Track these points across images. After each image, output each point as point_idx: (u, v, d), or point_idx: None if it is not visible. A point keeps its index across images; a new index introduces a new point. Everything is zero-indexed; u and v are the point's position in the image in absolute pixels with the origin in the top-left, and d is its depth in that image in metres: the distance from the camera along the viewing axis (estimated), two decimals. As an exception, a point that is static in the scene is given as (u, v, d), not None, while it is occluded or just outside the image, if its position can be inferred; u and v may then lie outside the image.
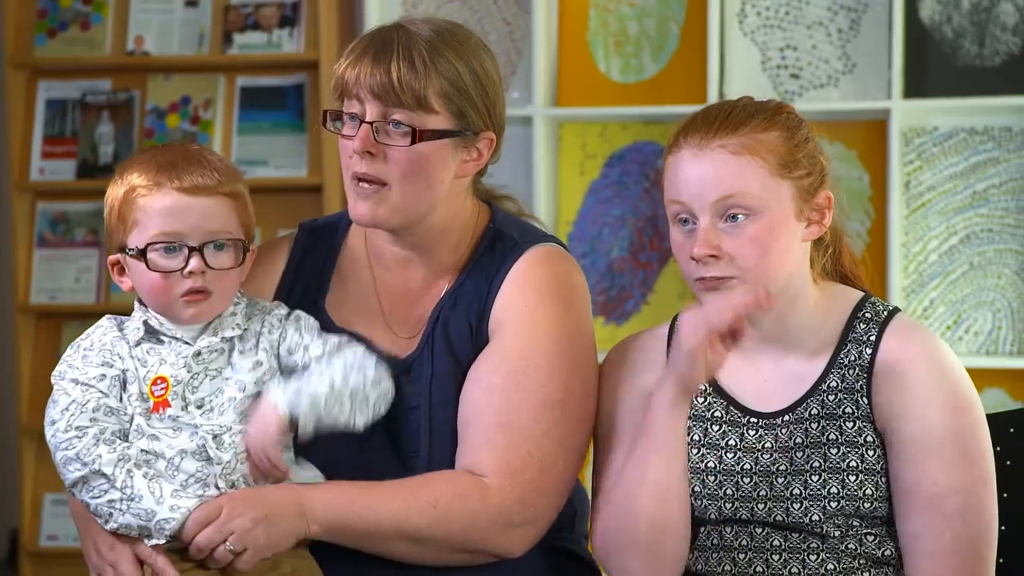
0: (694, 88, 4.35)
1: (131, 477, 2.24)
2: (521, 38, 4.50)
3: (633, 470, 2.28)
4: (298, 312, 2.39)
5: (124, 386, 2.29)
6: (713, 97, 4.27)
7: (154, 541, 2.24)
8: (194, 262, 2.28)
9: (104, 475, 2.23)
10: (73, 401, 2.27)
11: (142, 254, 2.29)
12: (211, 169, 2.31)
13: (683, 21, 4.40)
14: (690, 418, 2.36)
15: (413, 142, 2.33)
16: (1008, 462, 2.43)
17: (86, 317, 4.75)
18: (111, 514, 2.24)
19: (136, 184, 2.30)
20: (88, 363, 2.29)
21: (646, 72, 4.43)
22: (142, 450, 2.27)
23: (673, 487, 2.28)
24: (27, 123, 4.78)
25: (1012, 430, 2.47)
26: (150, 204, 2.29)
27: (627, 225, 4.44)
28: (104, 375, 2.28)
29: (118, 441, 2.26)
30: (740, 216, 2.25)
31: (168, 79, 4.74)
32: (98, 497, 2.24)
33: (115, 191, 2.33)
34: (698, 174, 2.26)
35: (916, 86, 4.23)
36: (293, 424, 2.28)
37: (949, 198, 4.25)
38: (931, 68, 4.24)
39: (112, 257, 2.34)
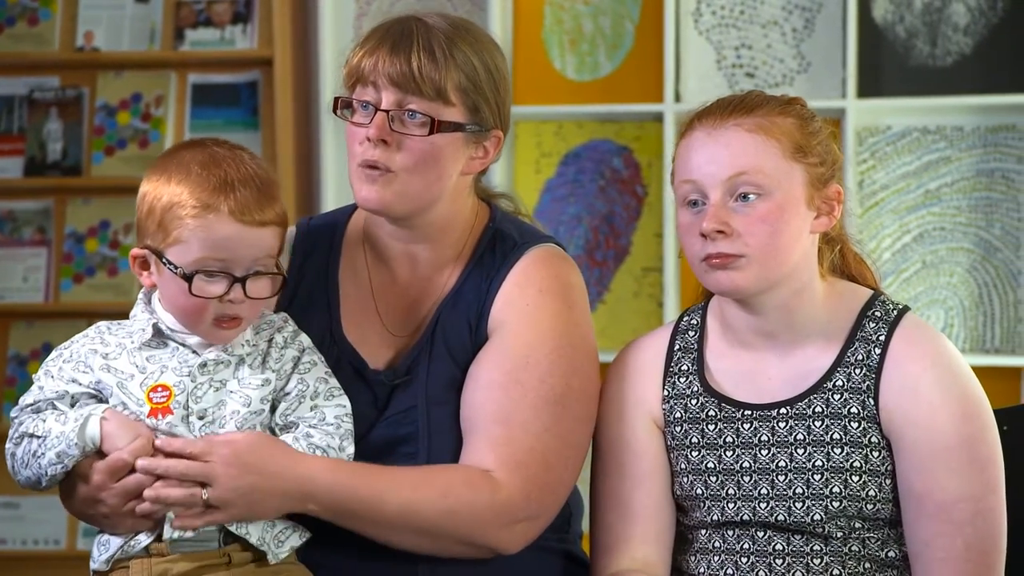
0: (649, 87, 4.36)
1: (43, 421, 2.22)
2: (476, 36, 4.48)
3: None
4: (308, 348, 2.34)
5: (100, 399, 2.25)
6: (669, 96, 4.28)
7: None
8: (235, 292, 2.22)
9: (23, 436, 2.22)
10: (29, 407, 2.26)
11: (186, 277, 2.21)
12: (267, 194, 2.23)
13: (638, 19, 4.41)
14: (686, 421, 2.36)
15: (431, 132, 2.33)
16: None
17: (34, 317, 4.70)
18: (39, 464, 2.20)
19: (186, 201, 2.20)
20: (61, 376, 2.26)
21: (601, 70, 4.43)
22: None
23: None
24: (-28, 120, 4.72)
25: (1006, 428, 2.48)
26: (202, 228, 2.20)
27: (583, 224, 4.43)
28: (66, 392, 2.25)
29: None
30: (751, 196, 2.25)
31: (119, 76, 4.67)
32: (28, 463, 2.22)
33: (155, 192, 2.24)
34: (711, 152, 2.26)
35: (870, 86, 4.26)
36: None
37: (902, 197, 4.28)
38: (884, 68, 4.27)
39: (138, 252, 2.26)
